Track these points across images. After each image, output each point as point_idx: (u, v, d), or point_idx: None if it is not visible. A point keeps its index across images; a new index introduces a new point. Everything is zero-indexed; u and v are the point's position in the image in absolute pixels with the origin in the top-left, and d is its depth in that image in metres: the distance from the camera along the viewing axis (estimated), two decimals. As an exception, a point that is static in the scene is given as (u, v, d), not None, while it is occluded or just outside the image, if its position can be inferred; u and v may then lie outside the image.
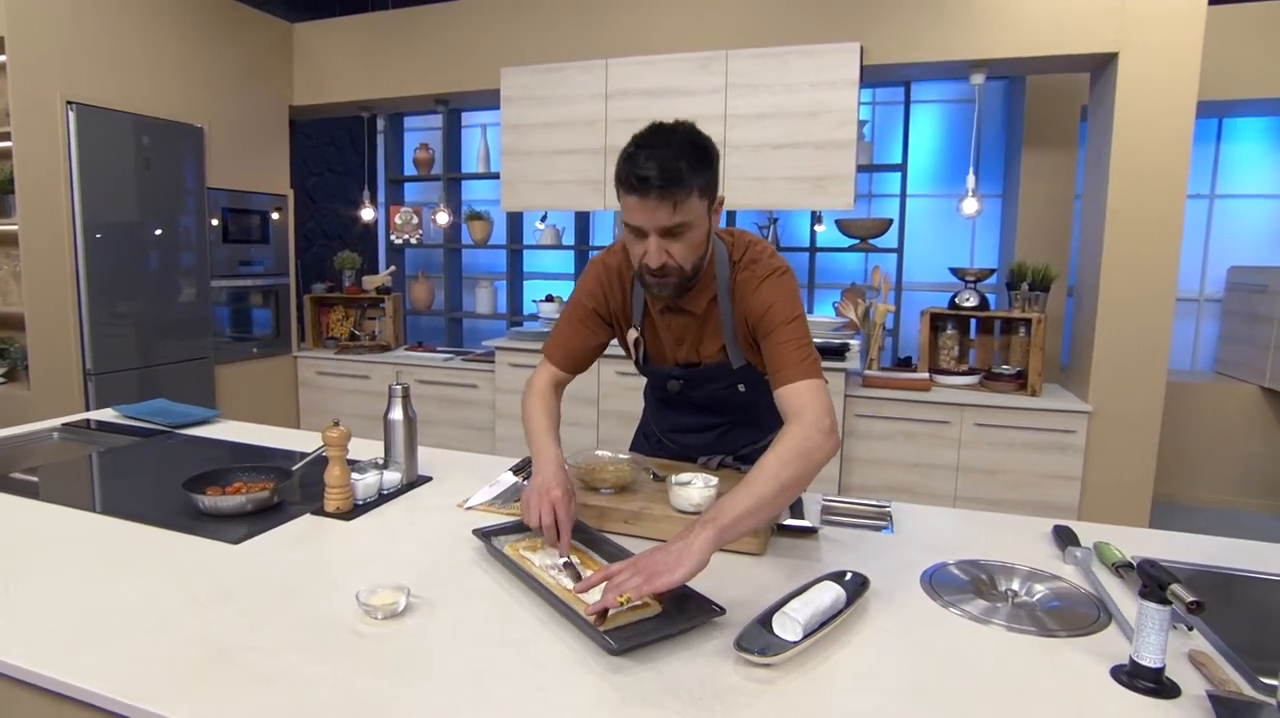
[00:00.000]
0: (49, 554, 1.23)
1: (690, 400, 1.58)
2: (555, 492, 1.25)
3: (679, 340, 1.48)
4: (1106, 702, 0.88)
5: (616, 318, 1.52)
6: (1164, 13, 2.89)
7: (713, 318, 1.43)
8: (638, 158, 1.22)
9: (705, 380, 1.50)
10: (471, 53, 3.85)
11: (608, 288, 1.49)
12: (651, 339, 1.52)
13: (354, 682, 0.88)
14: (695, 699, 0.86)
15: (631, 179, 1.22)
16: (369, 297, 4.26)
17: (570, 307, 1.54)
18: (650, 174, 1.19)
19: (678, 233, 1.25)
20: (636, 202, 1.23)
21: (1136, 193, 3.00)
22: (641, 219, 1.25)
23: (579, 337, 1.53)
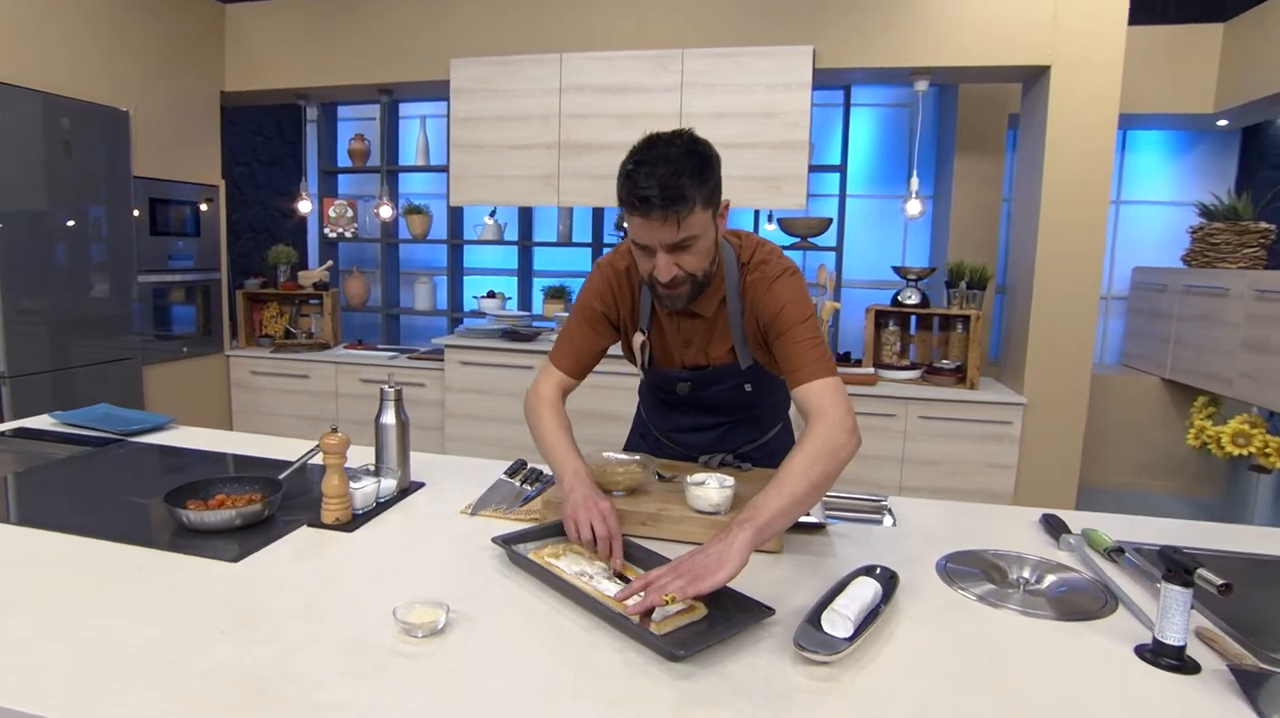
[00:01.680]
0: (23, 583, 1.12)
1: (695, 402, 1.59)
2: (603, 504, 1.24)
3: (687, 343, 1.49)
4: (1136, 679, 0.94)
5: (624, 321, 1.51)
6: (1090, 30, 3.10)
7: (721, 320, 1.44)
8: (637, 176, 1.20)
9: (713, 382, 1.52)
10: (418, 42, 3.72)
11: (616, 291, 1.49)
12: (658, 342, 1.52)
13: (414, 706, 0.84)
14: (766, 699, 0.87)
15: (634, 199, 1.21)
16: (304, 293, 4.07)
17: (577, 311, 1.53)
18: (651, 194, 1.18)
19: (685, 246, 1.25)
20: (640, 221, 1.23)
21: (1066, 199, 3.20)
22: (647, 238, 1.24)
23: (587, 342, 1.51)
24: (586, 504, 1.24)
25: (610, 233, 4.50)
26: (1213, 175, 4.55)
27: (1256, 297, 3.43)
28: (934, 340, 3.84)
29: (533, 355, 3.64)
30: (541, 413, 1.48)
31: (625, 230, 1.43)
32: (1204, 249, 3.91)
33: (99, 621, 1.00)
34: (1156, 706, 0.89)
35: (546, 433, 1.44)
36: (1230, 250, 3.80)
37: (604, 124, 3.52)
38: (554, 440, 1.42)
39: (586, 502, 1.24)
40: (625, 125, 3.50)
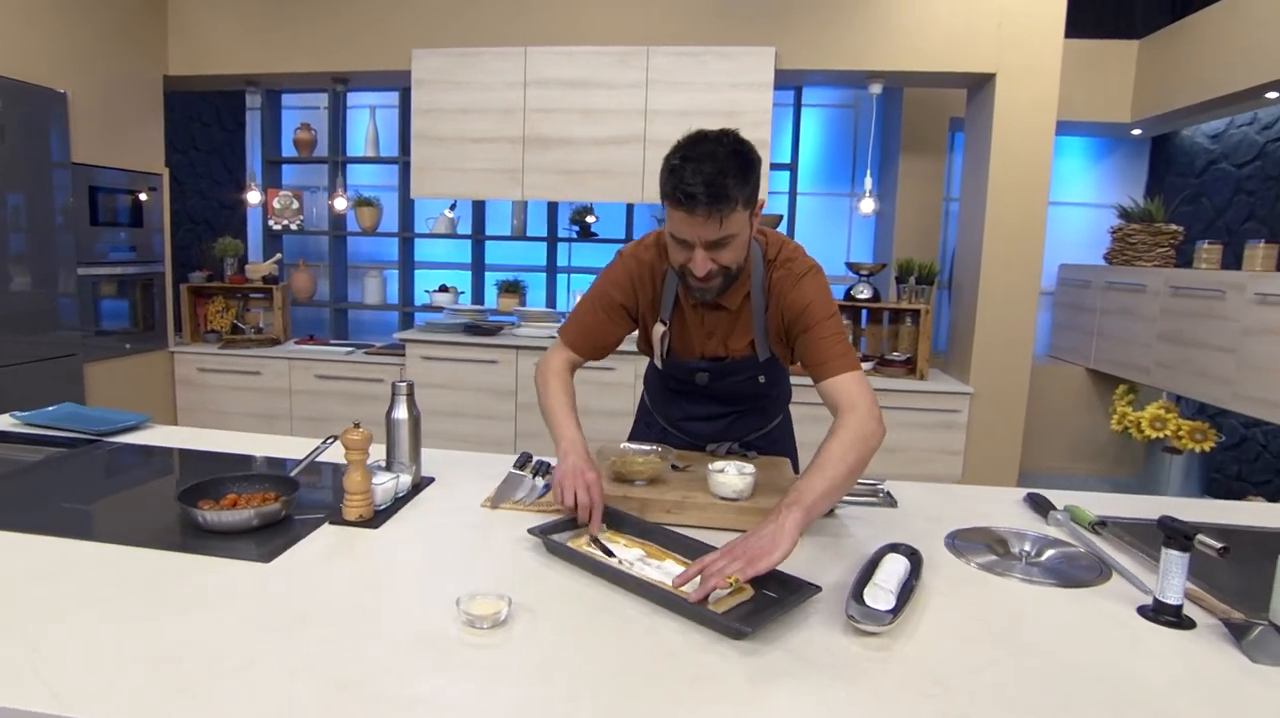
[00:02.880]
0: (47, 592, 1.06)
1: (710, 392, 1.64)
2: (589, 474, 1.31)
3: (710, 334, 1.54)
4: (1143, 636, 1.05)
5: (644, 312, 1.55)
6: (1031, 40, 3.30)
7: (745, 313, 1.50)
8: (683, 172, 1.23)
9: (731, 373, 1.57)
10: (377, 31, 3.64)
11: (638, 282, 1.52)
12: (679, 332, 1.56)
13: (503, 694, 0.86)
14: (833, 669, 0.93)
15: (679, 195, 1.24)
16: (252, 286, 3.92)
17: (593, 295, 1.56)
18: (698, 192, 1.22)
19: (723, 243, 1.30)
20: (683, 217, 1.27)
21: (1009, 200, 3.41)
22: (688, 233, 1.29)
23: (600, 326, 1.55)
24: (574, 473, 1.31)
25: (564, 228, 4.51)
26: (1126, 180, 4.91)
27: (1171, 293, 3.73)
28: (884, 334, 4.02)
29: (496, 350, 3.62)
30: (549, 381, 1.53)
31: (661, 220, 1.47)
32: (1123, 248, 4.22)
33: (143, 628, 0.97)
34: (1164, 657, 1.00)
35: (551, 401, 1.50)
36: (1146, 250, 4.12)
37: (568, 119, 3.53)
38: (556, 408, 1.48)
39: (574, 471, 1.32)
40: (589, 121, 3.52)
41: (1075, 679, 0.94)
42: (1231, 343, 3.31)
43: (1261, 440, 3.93)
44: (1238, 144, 4.14)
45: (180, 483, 1.67)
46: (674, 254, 1.36)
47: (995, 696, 0.89)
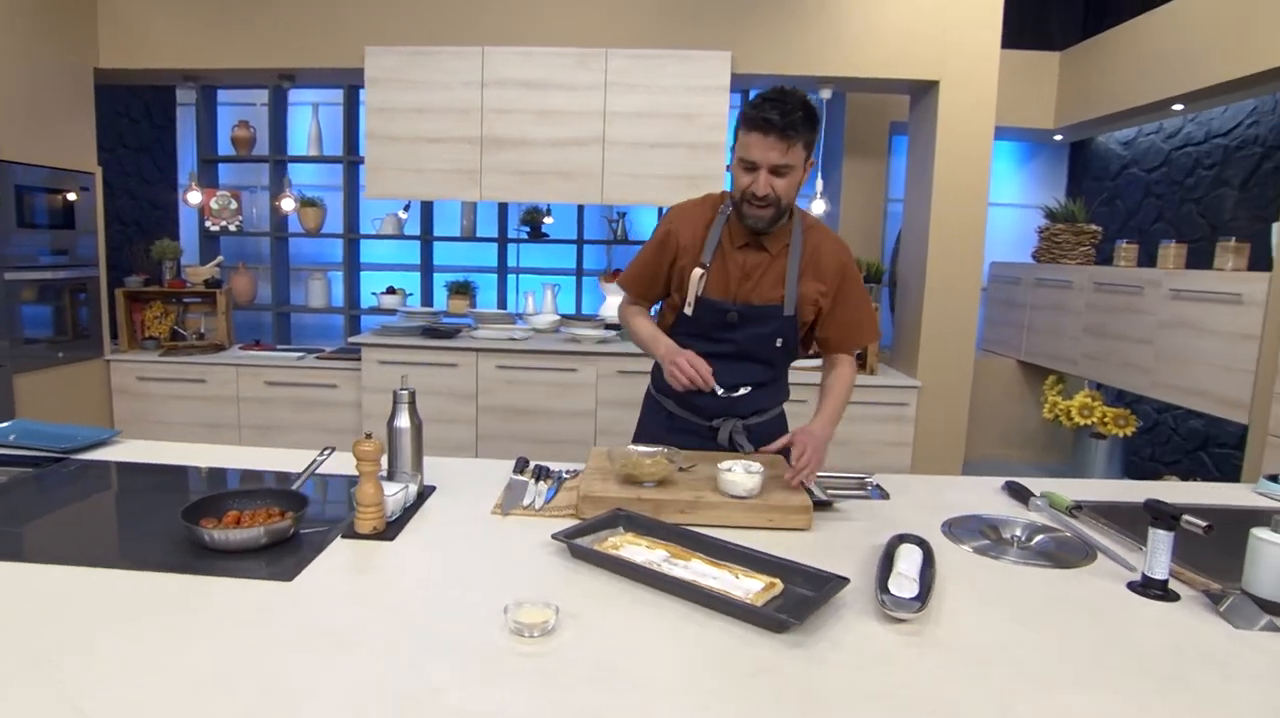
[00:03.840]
0: (71, 625, 1.01)
1: (733, 347, 1.71)
2: (687, 352, 1.60)
3: (745, 276, 1.68)
4: (1135, 608, 1.16)
5: (683, 257, 1.72)
6: (972, 49, 3.48)
7: (781, 261, 1.69)
8: (764, 105, 1.50)
9: (756, 320, 1.69)
10: (327, 27, 3.52)
11: (687, 223, 1.72)
12: (717, 274, 1.69)
13: (572, 701, 0.87)
14: (878, 655, 0.99)
15: (758, 120, 1.50)
16: (193, 291, 3.75)
17: (649, 244, 1.79)
18: (774, 118, 1.48)
19: (782, 172, 1.54)
20: (758, 138, 1.51)
21: (952, 201, 3.58)
22: (758, 154, 1.53)
23: (656, 264, 1.77)
24: (681, 354, 1.60)
25: (514, 228, 4.48)
26: (1048, 183, 5.22)
27: (1095, 288, 4.00)
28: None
29: (455, 353, 3.58)
30: (634, 316, 1.82)
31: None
32: (1049, 247, 4.49)
33: (182, 656, 0.94)
34: (1157, 625, 1.10)
35: (633, 323, 1.80)
36: (1070, 248, 4.40)
37: (526, 120, 3.51)
38: (639, 326, 1.78)
39: (678, 353, 1.61)
40: (548, 122, 3.51)
41: (1090, 651, 1.02)
42: (1149, 335, 3.58)
43: (1172, 424, 4.26)
44: (1146, 151, 4.47)
45: (171, 502, 1.61)
46: (739, 179, 1.59)
47: (1028, 670, 0.97)
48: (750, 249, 1.68)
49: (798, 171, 1.56)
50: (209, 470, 1.72)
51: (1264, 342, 2.97)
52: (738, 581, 1.16)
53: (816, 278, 1.69)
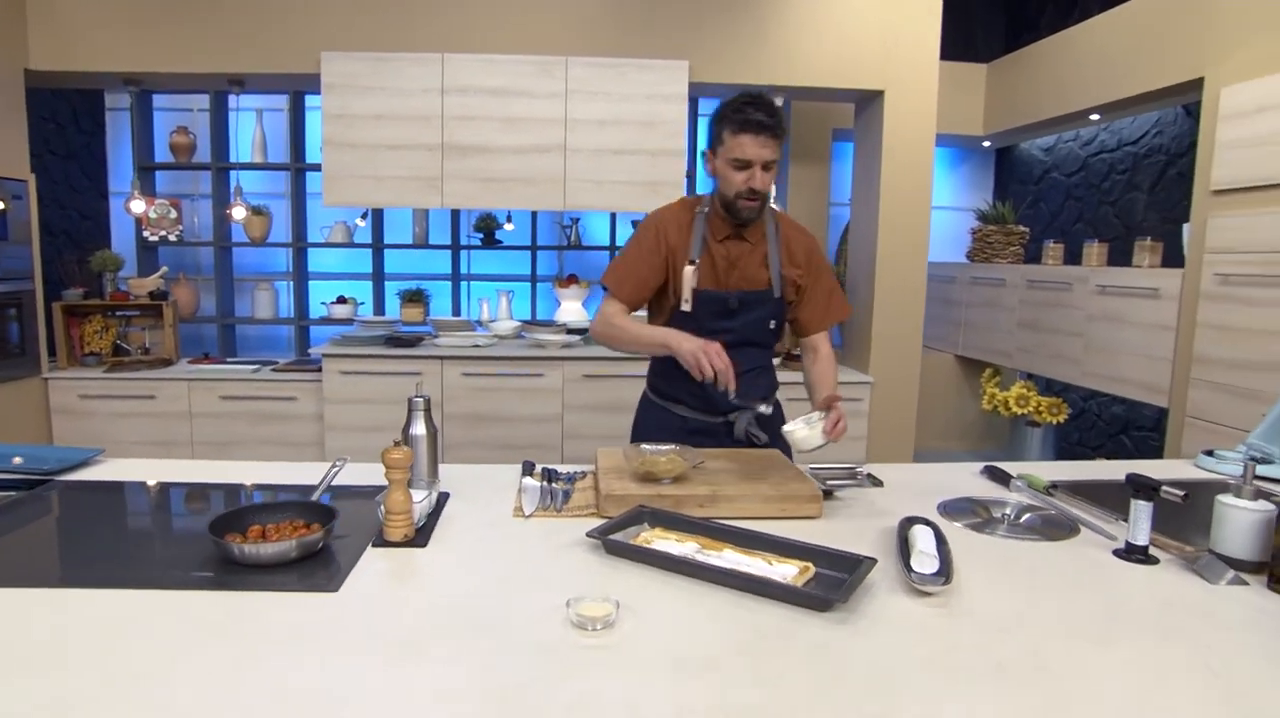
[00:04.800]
0: (128, 651, 0.98)
1: (728, 334, 1.79)
2: (714, 344, 1.64)
3: (732, 266, 1.80)
4: (1121, 572, 1.29)
5: (674, 259, 1.83)
6: (913, 60, 3.68)
7: (761, 248, 1.84)
8: (751, 110, 1.66)
9: (752, 305, 1.84)
10: (280, 31, 3.43)
11: (671, 228, 1.83)
12: (707, 269, 1.80)
13: (653, 683, 0.91)
14: (915, 628, 1.07)
15: (753, 122, 1.66)
16: (136, 304, 3.58)
17: (634, 249, 1.85)
18: (765, 120, 1.66)
19: (769, 167, 1.71)
20: (751, 139, 1.67)
21: (898, 204, 3.77)
22: (753, 153, 1.68)
23: (647, 269, 1.83)
24: (703, 347, 1.63)
25: (467, 235, 4.46)
26: (977, 186, 5.54)
27: (1027, 285, 4.28)
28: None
29: (420, 361, 3.55)
30: (620, 322, 1.84)
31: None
32: (982, 247, 4.77)
33: (252, 673, 0.93)
34: (1145, 586, 1.24)
35: (635, 330, 1.82)
36: (1001, 248, 4.69)
37: (488, 127, 3.51)
38: (642, 329, 1.82)
39: (701, 346, 1.64)
40: (510, 129, 3.52)
41: (1093, 611, 1.14)
42: (1078, 328, 3.86)
43: (1096, 411, 4.59)
44: (1065, 157, 4.80)
45: (184, 519, 1.58)
46: (732, 179, 1.72)
47: (1048, 630, 1.07)
48: (732, 240, 1.82)
49: (776, 165, 1.74)
50: (209, 486, 1.68)
51: (1179, 332, 3.26)
52: (772, 567, 1.23)
53: (792, 263, 1.86)
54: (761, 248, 1.84)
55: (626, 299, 1.86)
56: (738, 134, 1.68)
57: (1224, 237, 3.02)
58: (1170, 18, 3.38)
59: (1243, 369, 2.92)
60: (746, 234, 1.83)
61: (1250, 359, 2.88)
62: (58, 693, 0.87)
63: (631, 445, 1.66)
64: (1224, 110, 3.04)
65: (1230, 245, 2.99)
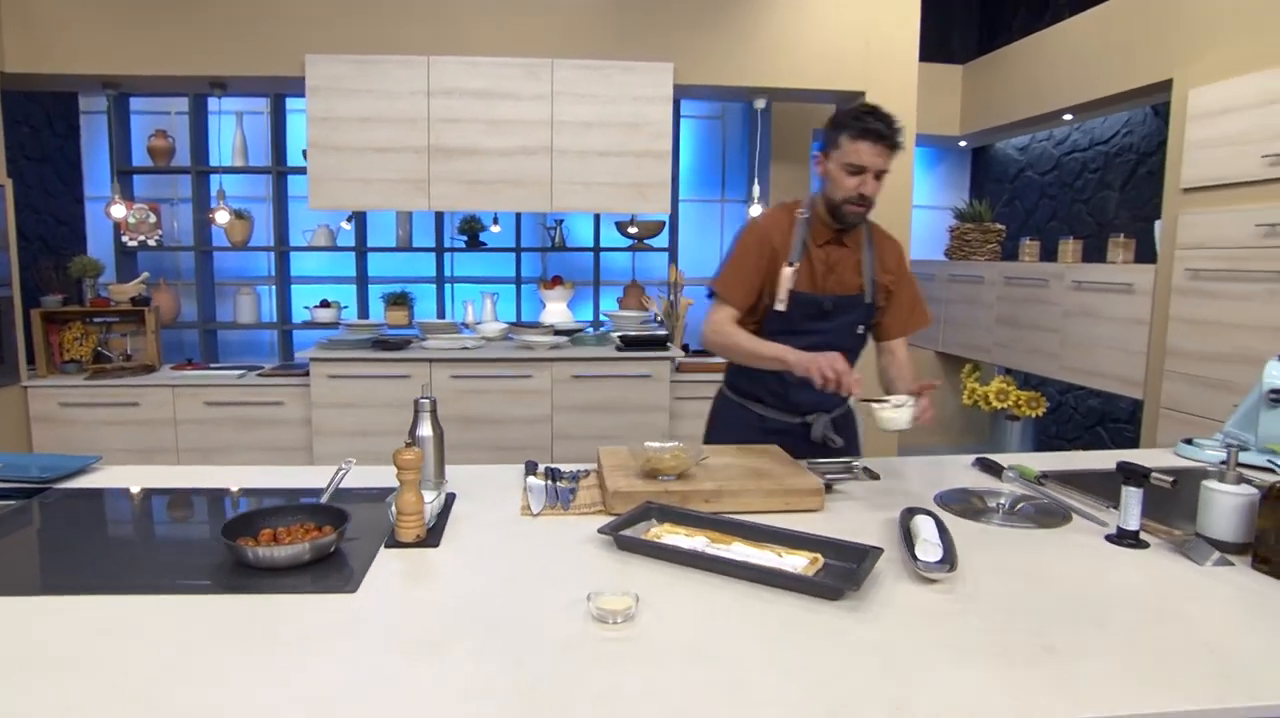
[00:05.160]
0: (159, 655, 0.99)
1: (818, 337, 1.84)
2: (827, 354, 1.65)
3: (829, 270, 1.88)
4: (1116, 556, 1.34)
5: (776, 256, 1.86)
6: (893, 61, 3.75)
7: (855, 256, 1.91)
8: (871, 119, 1.72)
9: (845, 309, 1.89)
10: (262, 34, 3.41)
11: (777, 231, 1.87)
12: (804, 272, 1.87)
13: (675, 675, 0.93)
14: (925, 614, 1.11)
15: (870, 131, 1.71)
16: (117, 310, 3.53)
17: (743, 252, 1.88)
18: (885, 131, 1.72)
19: (880, 177, 1.77)
20: (869, 146, 1.72)
21: (881, 203, 3.81)
22: (869, 160, 1.73)
23: (757, 274, 1.87)
24: (822, 358, 1.64)
25: (452, 237, 4.45)
26: (953, 185, 5.64)
27: (1005, 282, 4.37)
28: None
29: (409, 364, 3.54)
30: (733, 332, 1.86)
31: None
32: (960, 245, 4.87)
33: (282, 673, 0.94)
34: (1138, 568, 1.29)
35: (749, 344, 1.83)
36: (979, 246, 4.78)
37: (475, 129, 3.52)
38: (755, 344, 1.82)
39: (818, 358, 1.65)
40: (497, 131, 3.53)
41: (1093, 593, 1.19)
42: (1055, 323, 3.96)
43: (1073, 404, 4.70)
44: (1039, 156, 4.92)
45: (191, 525, 1.58)
46: (844, 183, 1.77)
47: (1051, 613, 1.12)
48: (832, 245, 1.88)
49: (885, 178, 1.79)
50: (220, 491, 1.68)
51: (1153, 326, 3.35)
52: (782, 559, 1.26)
53: (884, 269, 1.93)
54: (857, 254, 1.90)
55: (737, 304, 1.88)
56: (856, 140, 1.72)
57: (1194, 233, 3.12)
58: (1140, 21, 3.49)
59: (1213, 361, 3.01)
60: (846, 240, 1.89)
61: (1220, 351, 2.98)
62: (79, 698, 0.88)
63: (637, 445, 1.68)
64: (1192, 111, 3.14)
65: (1200, 241, 3.09)
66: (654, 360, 3.67)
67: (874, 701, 0.89)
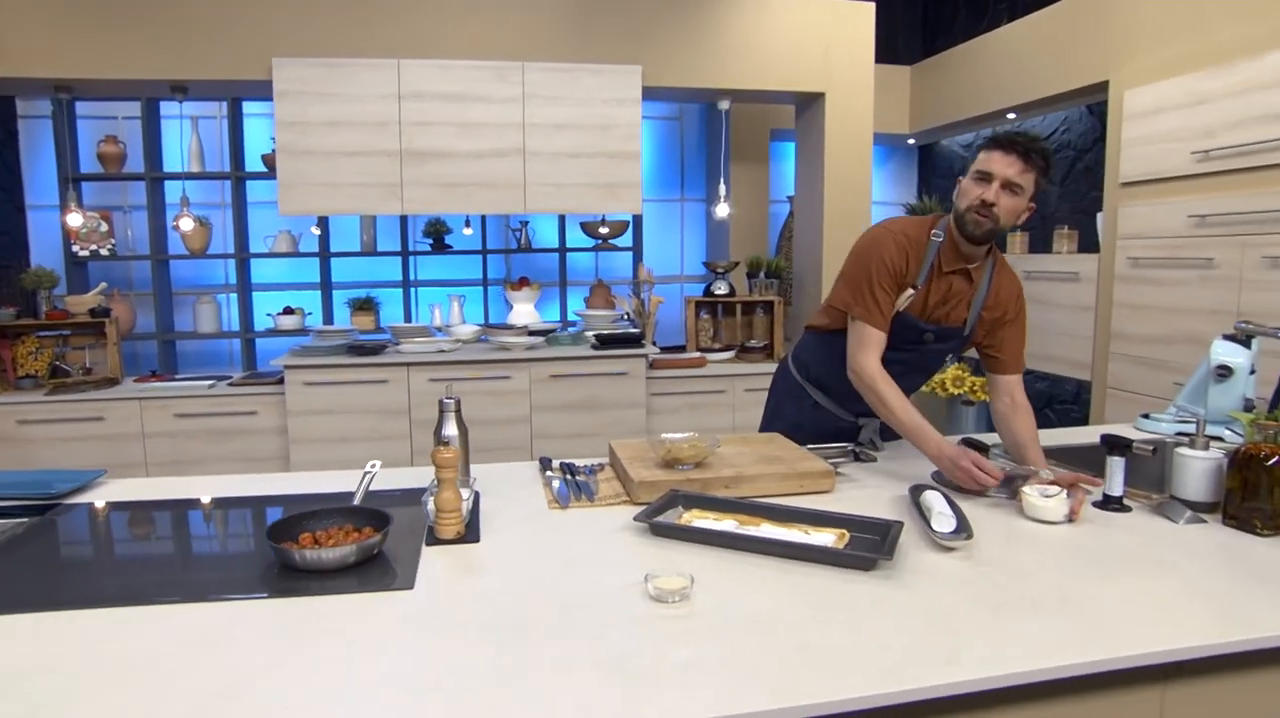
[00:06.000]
0: (220, 660, 1.01)
1: (912, 355, 1.89)
2: (971, 454, 1.62)
3: (944, 301, 1.83)
4: (1105, 519, 1.47)
5: (905, 276, 1.80)
6: (851, 64, 3.91)
7: (971, 290, 1.83)
8: (1013, 133, 1.70)
9: (942, 338, 1.87)
10: (227, 37, 3.33)
11: (911, 252, 1.80)
12: (920, 296, 1.81)
13: (743, 645, 1.01)
14: (950, 579, 1.21)
15: (1004, 140, 1.68)
16: (76, 322, 3.41)
17: (873, 276, 1.80)
18: (1019, 140, 1.67)
19: (1011, 189, 1.67)
20: (1000, 155, 1.67)
21: (842, 199, 3.99)
22: (995, 167, 1.67)
23: (889, 300, 1.80)
24: (967, 459, 1.60)
25: (417, 241, 4.43)
26: (902, 181, 5.86)
27: (956, 273, 4.59)
28: (739, 324, 4.47)
29: (386, 369, 3.52)
30: (887, 392, 1.76)
31: (957, 192, 1.75)
32: (911, 239, 5.07)
33: (368, 670, 0.95)
34: (1126, 529, 1.42)
35: (896, 404, 1.75)
36: (929, 239, 5.00)
37: (447, 132, 3.52)
38: (907, 411, 1.75)
39: (964, 457, 1.61)
40: (469, 134, 3.54)
41: (1093, 552, 1.31)
42: (1006, 311, 4.18)
43: (1021, 387, 4.96)
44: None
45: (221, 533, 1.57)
46: (970, 191, 1.70)
47: (1063, 569, 1.23)
48: (956, 275, 1.81)
49: (1024, 198, 1.69)
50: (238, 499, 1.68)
51: (1098, 311, 3.59)
52: (809, 536, 1.35)
53: (996, 304, 1.84)
54: (972, 289, 1.83)
55: (882, 326, 1.79)
56: (989, 150, 1.69)
57: (1133, 224, 3.35)
58: (1077, 27, 3.72)
59: (1154, 343, 3.25)
60: (972, 272, 1.81)
61: (1160, 333, 3.22)
62: (170, 705, 0.89)
63: (656, 436, 1.74)
64: (1127, 111, 3.37)
65: (1139, 232, 3.32)
66: (629, 358, 3.74)
67: (930, 653, 0.98)
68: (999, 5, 4.79)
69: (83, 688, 0.91)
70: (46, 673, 0.95)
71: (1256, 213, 2.80)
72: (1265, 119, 2.76)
